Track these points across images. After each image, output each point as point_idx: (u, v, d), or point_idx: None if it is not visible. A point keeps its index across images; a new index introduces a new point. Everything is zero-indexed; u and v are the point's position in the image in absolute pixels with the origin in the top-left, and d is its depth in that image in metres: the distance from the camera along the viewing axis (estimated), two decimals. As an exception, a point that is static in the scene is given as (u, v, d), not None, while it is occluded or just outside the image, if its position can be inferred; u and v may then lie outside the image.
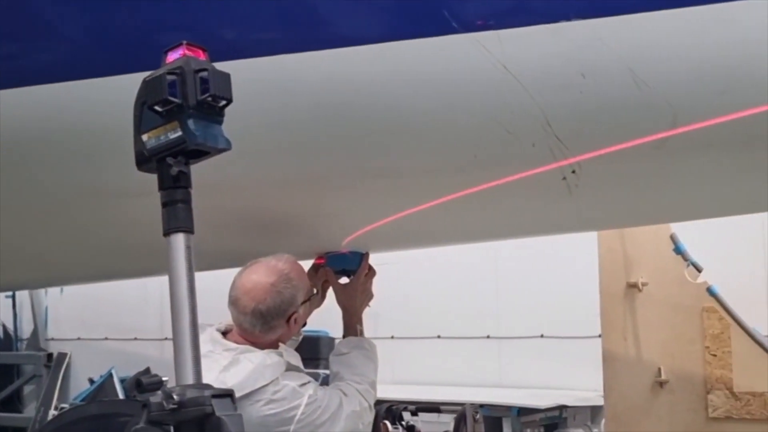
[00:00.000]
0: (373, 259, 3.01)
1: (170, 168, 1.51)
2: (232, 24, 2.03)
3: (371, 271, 3.01)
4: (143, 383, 1.35)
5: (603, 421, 4.64)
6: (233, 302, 2.57)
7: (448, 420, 4.56)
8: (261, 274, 2.56)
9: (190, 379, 1.41)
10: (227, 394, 1.42)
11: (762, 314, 4.38)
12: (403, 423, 4.26)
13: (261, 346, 2.57)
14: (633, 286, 4.09)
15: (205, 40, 1.84)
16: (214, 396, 1.39)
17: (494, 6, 1.90)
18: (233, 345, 2.57)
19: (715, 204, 2.45)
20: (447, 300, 5.85)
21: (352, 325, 2.93)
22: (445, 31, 1.89)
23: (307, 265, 2.86)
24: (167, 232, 1.52)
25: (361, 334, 2.94)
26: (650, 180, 2.15)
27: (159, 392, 1.37)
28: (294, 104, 2.04)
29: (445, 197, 2.30)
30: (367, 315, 3.00)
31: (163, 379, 1.42)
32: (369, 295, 3.00)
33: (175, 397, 1.35)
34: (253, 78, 1.98)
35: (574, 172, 2.04)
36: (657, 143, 1.92)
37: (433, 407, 4.74)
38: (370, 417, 2.75)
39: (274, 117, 2.07)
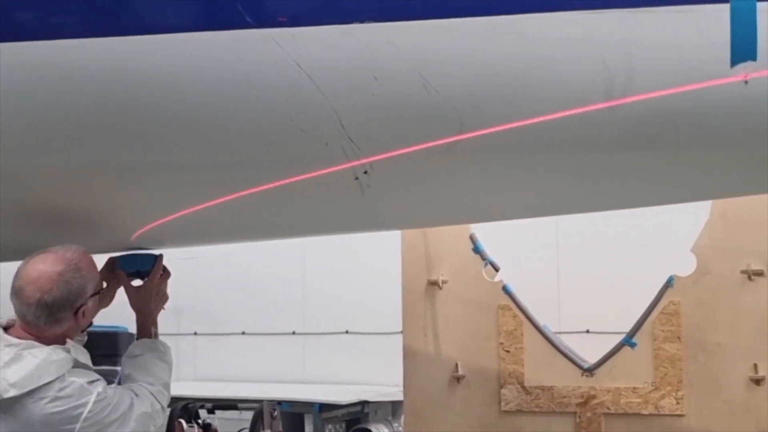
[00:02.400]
0: (176, 254, 2.94)
1: None
2: (20, 5, 1.92)
3: (165, 273, 2.94)
4: None
5: (403, 415, 4.73)
6: (16, 293, 2.43)
7: (250, 417, 4.52)
8: (48, 264, 2.44)
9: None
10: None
11: (553, 312, 4.60)
12: (200, 421, 4.17)
13: (46, 341, 2.45)
14: (434, 284, 4.17)
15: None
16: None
17: (289, 4, 1.88)
18: (15, 340, 2.43)
19: (505, 207, 2.54)
20: (252, 296, 5.80)
21: (146, 328, 2.86)
22: (239, 25, 1.86)
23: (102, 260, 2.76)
24: None
25: (156, 336, 2.86)
26: (440, 182, 2.19)
27: None
28: (80, 92, 1.95)
29: (239, 193, 2.26)
30: (170, 311, 2.93)
31: None
32: (164, 297, 2.93)
33: None
34: (37, 62, 1.88)
35: (366, 172, 2.06)
36: (445, 147, 1.96)
37: (230, 404, 4.68)
38: (162, 419, 2.68)
39: (59, 105, 1.97)
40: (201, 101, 1.94)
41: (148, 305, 2.88)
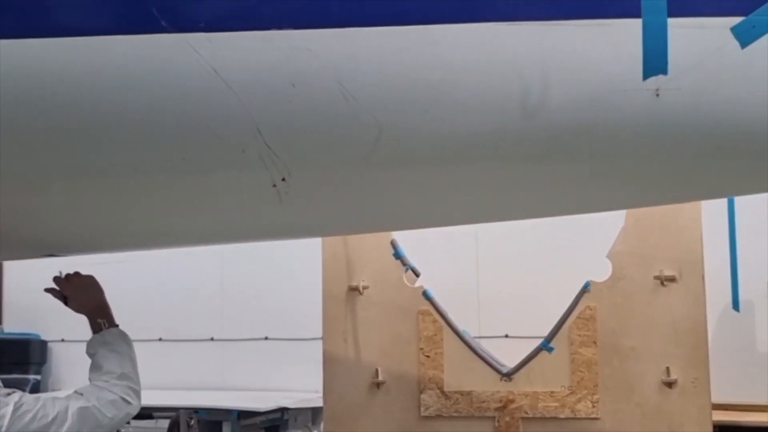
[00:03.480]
0: (89, 259, 2.88)
1: None
2: None
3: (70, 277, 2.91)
4: None
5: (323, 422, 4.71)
6: None
7: (166, 426, 4.44)
8: None
9: None
10: None
11: (472, 316, 4.65)
12: (114, 431, 4.09)
13: None
14: (354, 289, 4.17)
15: None
16: None
17: (205, 8, 1.85)
18: None
19: (423, 216, 2.54)
20: (169, 301, 5.70)
21: (95, 323, 2.82)
22: (154, 29, 1.83)
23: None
24: None
25: (107, 326, 2.82)
26: (359, 190, 2.19)
27: None
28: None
29: (154, 200, 2.22)
30: (84, 318, 2.87)
31: None
32: (90, 285, 2.90)
33: None
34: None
35: (284, 180, 2.04)
36: (364, 156, 1.96)
37: (145, 413, 4.59)
38: (124, 409, 2.62)
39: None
40: (115, 107, 1.91)
41: (82, 304, 2.88)
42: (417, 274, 4.21)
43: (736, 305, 4.32)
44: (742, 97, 1.86)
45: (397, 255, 4.15)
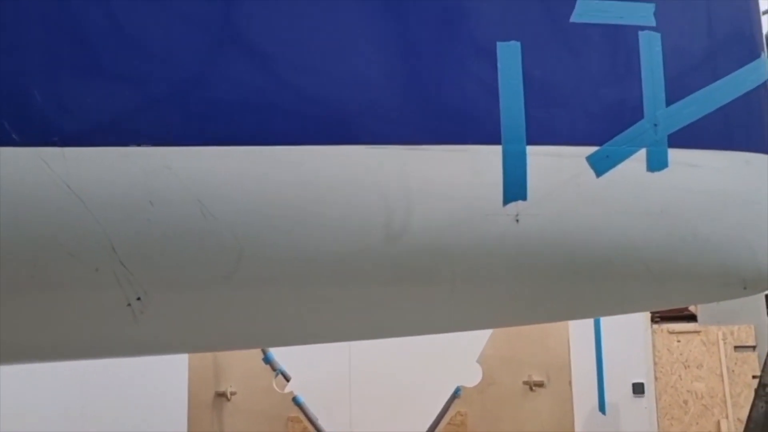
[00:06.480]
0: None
1: None
2: None
3: None
4: None
5: None
6: None
7: None
8: None
9: None
10: None
11: (344, 419, 4.56)
12: None
13: None
14: (222, 396, 4.07)
15: None
16: None
17: (59, 122, 1.79)
18: None
19: (285, 335, 2.47)
20: (21, 419, 5.39)
21: None
22: (4, 142, 1.75)
23: None
24: None
25: None
26: (220, 311, 2.11)
27: None
28: None
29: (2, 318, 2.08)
30: None
31: None
32: None
33: None
34: None
35: (139, 299, 1.95)
36: (224, 276, 1.90)
37: None
38: None
39: None
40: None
41: None
42: (287, 379, 4.14)
43: (602, 408, 4.39)
44: (598, 223, 1.91)
45: (267, 360, 4.07)
